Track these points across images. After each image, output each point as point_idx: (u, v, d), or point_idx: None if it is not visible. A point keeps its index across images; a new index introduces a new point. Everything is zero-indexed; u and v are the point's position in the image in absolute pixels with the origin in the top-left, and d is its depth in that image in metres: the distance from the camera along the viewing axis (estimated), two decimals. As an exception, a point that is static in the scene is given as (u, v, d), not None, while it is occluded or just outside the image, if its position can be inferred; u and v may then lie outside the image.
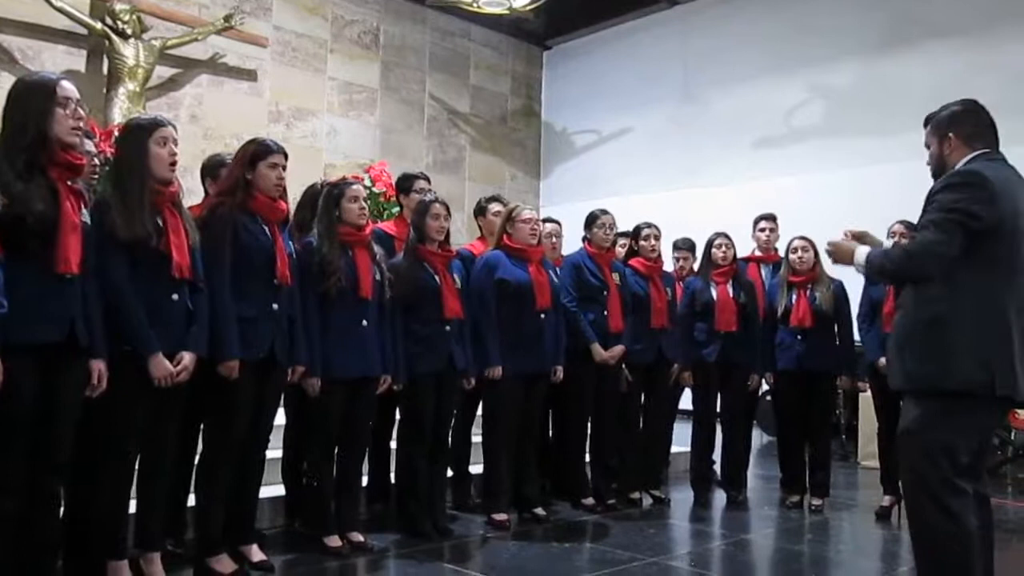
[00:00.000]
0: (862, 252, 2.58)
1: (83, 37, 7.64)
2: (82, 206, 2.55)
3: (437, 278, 3.80)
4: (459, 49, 10.71)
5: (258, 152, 3.15)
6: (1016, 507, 5.21)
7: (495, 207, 4.63)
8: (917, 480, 2.45)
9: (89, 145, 3.13)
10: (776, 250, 5.39)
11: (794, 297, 4.72)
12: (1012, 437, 6.11)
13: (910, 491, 2.50)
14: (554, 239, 4.73)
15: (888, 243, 3.06)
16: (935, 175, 2.59)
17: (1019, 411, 6.09)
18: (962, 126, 2.54)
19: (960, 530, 2.37)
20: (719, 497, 4.99)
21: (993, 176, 2.40)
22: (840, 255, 2.67)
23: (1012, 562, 3.94)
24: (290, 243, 3.29)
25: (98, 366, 2.54)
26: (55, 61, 7.42)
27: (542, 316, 4.10)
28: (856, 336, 4.81)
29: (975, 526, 2.39)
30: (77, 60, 7.68)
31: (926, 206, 2.48)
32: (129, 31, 7.40)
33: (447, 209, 3.90)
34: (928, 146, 2.63)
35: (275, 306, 3.11)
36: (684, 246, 5.43)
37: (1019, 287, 2.42)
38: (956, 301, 2.39)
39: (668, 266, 5.20)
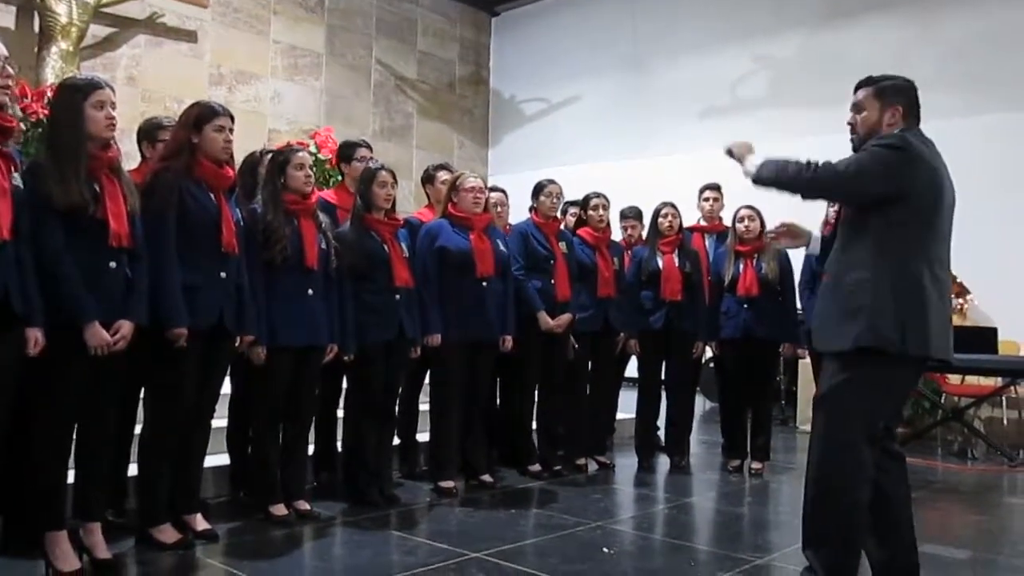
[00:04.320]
0: (756, 158, 2.66)
1: (12, -8, 7.32)
2: (12, 169, 2.46)
3: (385, 247, 3.77)
4: (406, 14, 10.54)
5: (203, 114, 3.07)
6: (945, 468, 5.42)
7: (443, 175, 4.59)
8: (825, 439, 2.53)
9: (15, 109, 3.02)
10: (720, 219, 5.47)
11: (741, 266, 4.80)
12: (942, 400, 6.34)
13: (815, 448, 2.56)
14: (499, 208, 4.72)
15: (816, 233, 3.18)
16: (862, 139, 2.62)
17: (948, 375, 6.33)
18: (908, 101, 2.61)
19: (857, 493, 2.46)
20: (663, 462, 5.10)
21: (919, 145, 2.50)
22: (739, 152, 2.74)
23: (939, 520, 4.11)
24: (237, 210, 3.23)
25: (34, 334, 2.47)
26: (-18, 18, 7.11)
27: (484, 284, 4.10)
28: (798, 303, 4.92)
29: (868, 485, 2.49)
30: (6, 17, 7.35)
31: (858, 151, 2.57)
32: (62, -13, 7.11)
33: (394, 177, 3.86)
34: (863, 108, 2.63)
35: (223, 274, 3.06)
36: (631, 215, 5.47)
37: (938, 252, 2.51)
38: (877, 265, 2.47)
39: (617, 235, 5.24)
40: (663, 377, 5.09)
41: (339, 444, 4.01)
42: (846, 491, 2.48)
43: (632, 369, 5.28)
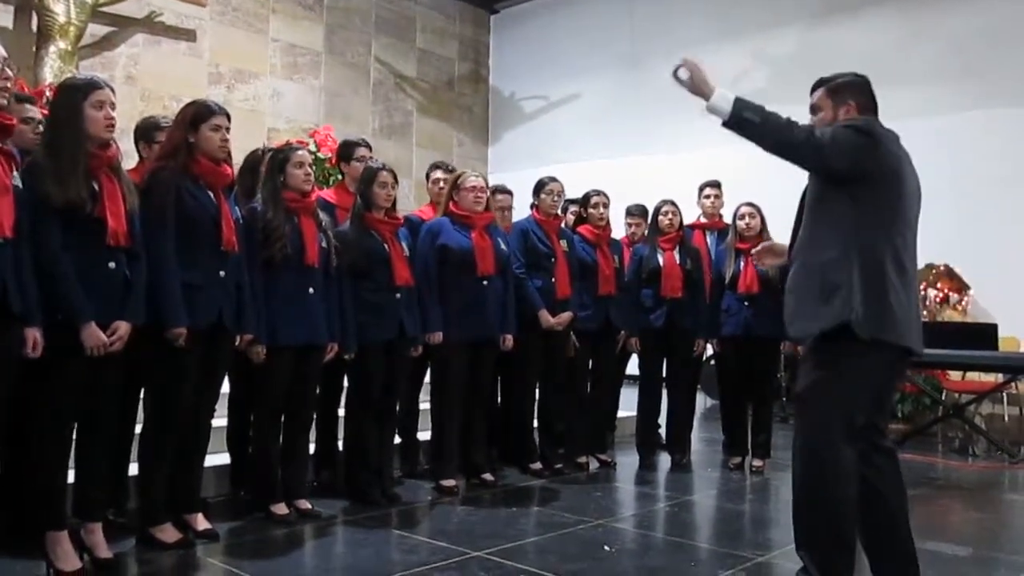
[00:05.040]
0: (726, 93, 2.49)
1: (10, -9, 7.31)
2: (13, 168, 2.45)
3: (386, 246, 3.77)
4: (405, 12, 10.53)
5: (199, 114, 3.06)
6: (946, 465, 5.42)
7: (436, 174, 4.69)
8: (806, 439, 2.53)
9: (34, 111, 3.01)
10: (721, 217, 5.47)
11: (741, 264, 4.79)
12: (943, 397, 6.34)
13: (798, 448, 2.56)
14: (505, 211, 4.70)
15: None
16: None
17: (949, 372, 6.33)
18: (861, 97, 2.62)
19: (840, 490, 2.45)
20: (664, 460, 5.10)
21: (883, 131, 2.51)
22: (695, 81, 2.57)
23: (940, 517, 4.11)
24: (236, 208, 3.23)
25: (33, 334, 2.46)
26: (-20, 18, 7.10)
27: (484, 283, 4.09)
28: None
29: (854, 482, 2.48)
30: (3, 16, 7.34)
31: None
32: (59, -14, 7.10)
33: (394, 177, 3.85)
34: (817, 110, 2.67)
35: (222, 273, 3.05)
36: (636, 212, 5.46)
37: (903, 240, 2.50)
38: (844, 245, 2.46)
39: (619, 233, 5.23)
40: (664, 375, 5.09)
41: (340, 443, 4.00)
42: (830, 492, 2.47)
43: (633, 367, 5.28)
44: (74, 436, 2.75)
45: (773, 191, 2.65)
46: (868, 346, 2.44)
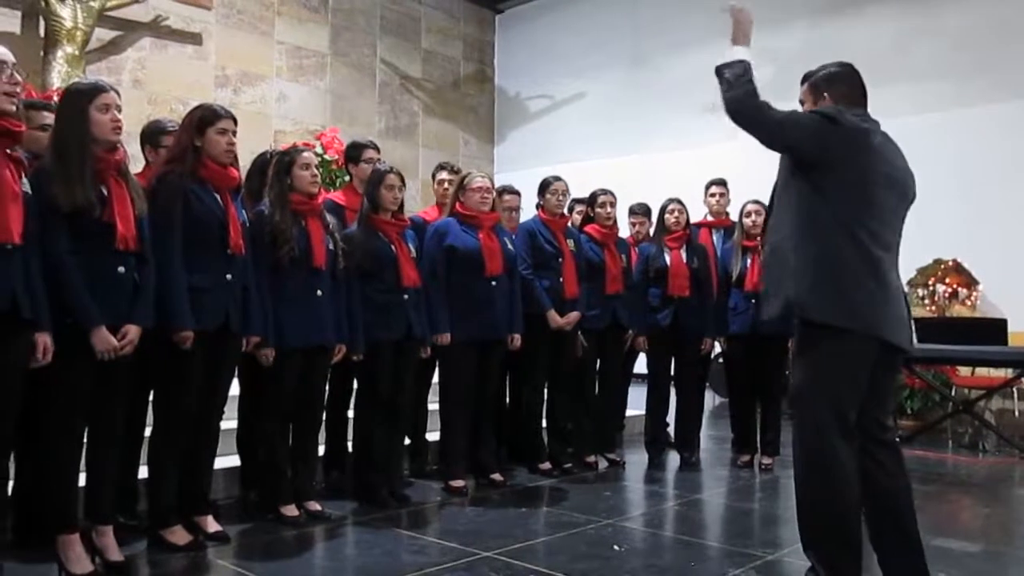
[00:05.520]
0: (742, 53, 2.65)
1: (17, -3, 7.35)
2: (22, 174, 2.46)
3: (393, 247, 3.78)
4: (410, 12, 10.54)
5: (206, 117, 3.07)
6: (956, 461, 5.40)
7: (441, 175, 4.70)
8: (801, 439, 2.53)
9: (51, 118, 3.02)
10: (727, 215, 5.46)
11: (748, 261, 4.78)
12: (952, 393, 6.32)
13: (796, 449, 2.56)
14: (513, 212, 4.71)
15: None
16: None
17: (959, 368, 6.31)
18: (837, 88, 2.62)
19: (839, 488, 2.45)
20: (673, 459, 5.09)
21: (852, 120, 2.49)
22: (738, 25, 2.76)
23: (950, 513, 4.09)
24: (243, 211, 3.24)
25: (43, 339, 2.48)
26: (-12, 23, 7.14)
27: (493, 283, 4.10)
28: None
29: (856, 482, 2.47)
30: (11, 22, 7.39)
31: None
32: (66, -9, 7.14)
33: (401, 179, 3.87)
34: (802, 103, 2.70)
35: (229, 276, 3.06)
36: (640, 211, 5.46)
37: (875, 230, 2.47)
38: (800, 231, 2.47)
39: (623, 232, 5.23)
40: (672, 373, 5.08)
41: (349, 444, 4.01)
42: (830, 492, 2.46)
43: (641, 365, 5.28)
44: (84, 439, 2.77)
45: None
46: (839, 337, 2.42)
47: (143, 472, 3.19)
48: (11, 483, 2.85)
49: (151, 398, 3.16)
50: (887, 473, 2.55)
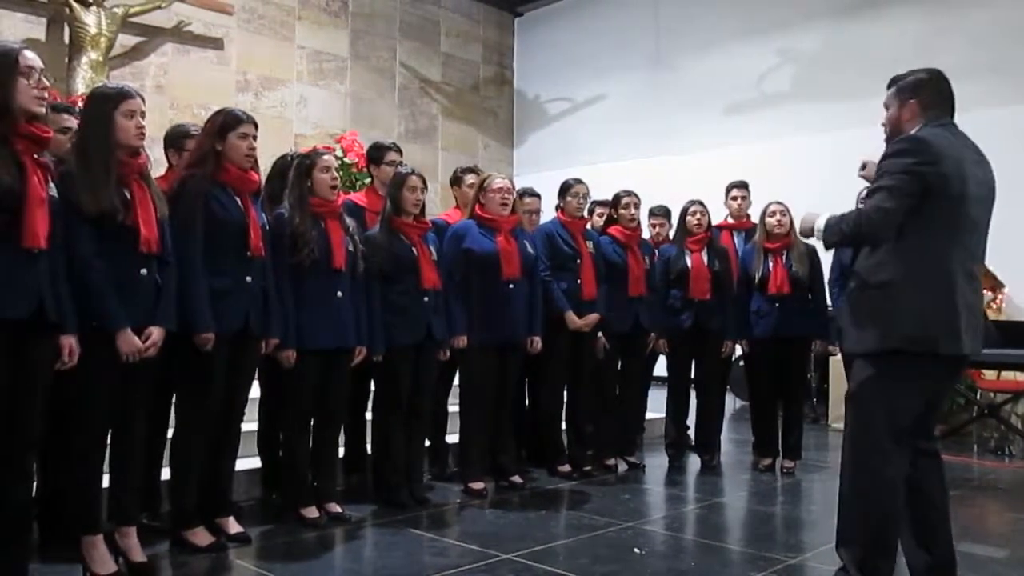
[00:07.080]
0: (821, 220, 2.61)
1: (42, 4, 7.45)
2: (48, 179, 2.49)
3: (414, 250, 3.79)
4: (429, 16, 10.58)
5: (227, 122, 3.10)
6: (982, 465, 5.33)
7: (470, 178, 4.62)
8: (854, 438, 2.52)
9: (72, 121, 3.06)
10: (748, 217, 5.42)
11: (770, 264, 4.74)
12: (978, 397, 6.24)
13: (847, 447, 2.56)
14: (533, 215, 4.70)
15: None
16: (889, 137, 2.64)
17: (984, 371, 6.23)
18: (924, 94, 2.59)
19: (885, 492, 2.44)
20: (693, 462, 5.07)
21: (936, 140, 2.45)
22: (804, 227, 2.70)
23: (976, 518, 4.04)
24: (263, 215, 3.26)
25: (68, 342, 2.50)
26: (14, 30, 7.23)
27: (510, 286, 4.09)
28: (828, 300, 4.86)
29: (902, 489, 2.46)
30: (37, 28, 7.49)
31: (878, 171, 2.52)
32: (90, -2, 7.23)
33: (423, 182, 3.88)
34: (887, 107, 2.67)
35: (249, 278, 3.08)
36: (660, 213, 5.44)
37: (965, 247, 2.47)
38: (903, 264, 2.44)
39: (644, 234, 5.20)
40: (693, 376, 5.06)
41: (369, 446, 4.02)
42: (876, 492, 2.46)
43: (661, 368, 5.25)
44: (108, 442, 2.79)
45: (799, 189, 2.62)
46: (930, 356, 2.42)
47: (166, 474, 3.23)
48: (36, 485, 2.88)
49: (173, 400, 3.18)
50: (925, 478, 2.54)
